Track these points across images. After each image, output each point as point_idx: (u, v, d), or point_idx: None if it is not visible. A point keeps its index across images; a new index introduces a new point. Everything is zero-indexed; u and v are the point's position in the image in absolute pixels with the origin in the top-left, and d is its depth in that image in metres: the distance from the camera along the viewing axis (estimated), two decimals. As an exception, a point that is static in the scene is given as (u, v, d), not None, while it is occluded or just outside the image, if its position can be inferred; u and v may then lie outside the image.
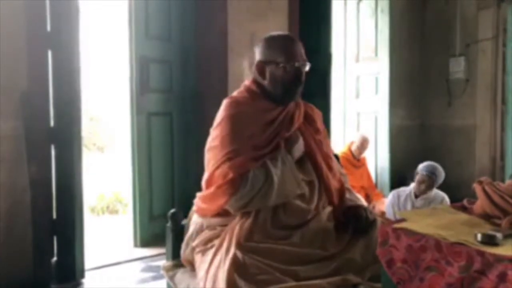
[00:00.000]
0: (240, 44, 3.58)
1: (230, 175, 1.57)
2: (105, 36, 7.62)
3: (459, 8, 4.90)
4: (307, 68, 1.71)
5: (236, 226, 1.58)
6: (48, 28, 2.74)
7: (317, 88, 4.15)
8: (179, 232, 1.85)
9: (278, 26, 3.67)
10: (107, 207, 5.66)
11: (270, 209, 1.61)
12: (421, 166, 3.58)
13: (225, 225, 1.65)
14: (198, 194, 1.74)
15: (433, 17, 5.17)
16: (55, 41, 2.74)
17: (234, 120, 1.65)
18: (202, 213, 1.72)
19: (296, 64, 1.67)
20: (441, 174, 3.54)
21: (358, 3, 5.10)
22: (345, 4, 5.21)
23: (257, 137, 1.63)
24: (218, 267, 1.48)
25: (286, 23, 3.90)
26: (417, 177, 3.57)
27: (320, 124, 1.85)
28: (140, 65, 3.49)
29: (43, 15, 2.71)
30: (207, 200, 1.67)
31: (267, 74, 1.70)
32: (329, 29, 4.33)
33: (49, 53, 2.74)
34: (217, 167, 1.61)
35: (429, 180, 3.51)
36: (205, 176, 1.68)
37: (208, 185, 1.66)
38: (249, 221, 1.59)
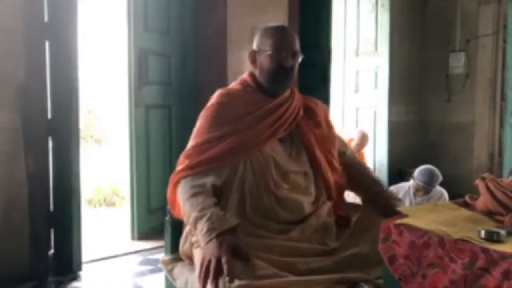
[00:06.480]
0: (240, 37, 3.56)
1: (182, 166, 1.65)
2: (104, 28, 7.58)
3: (460, 3, 4.89)
4: (299, 59, 1.69)
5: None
6: (46, 18, 2.71)
7: (317, 83, 4.15)
8: (178, 226, 1.84)
9: (278, 20, 3.65)
10: (104, 200, 5.65)
11: (267, 204, 1.59)
12: (418, 174, 3.48)
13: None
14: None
15: (434, 12, 5.15)
16: (53, 32, 2.72)
17: (217, 110, 1.65)
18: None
19: (283, 54, 1.64)
20: (439, 179, 3.48)
21: (358, -2, 5.08)
22: (345, -2, 5.18)
23: (240, 127, 1.61)
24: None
25: (286, 17, 3.88)
26: (414, 185, 3.52)
27: (323, 117, 1.81)
28: (139, 57, 3.47)
29: (41, 5, 2.68)
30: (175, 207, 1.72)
31: (257, 64, 1.70)
32: (329, 23, 4.32)
33: (47, 44, 2.71)
34: (184, 155, 1.68)
35: (426, 190, 3.48)
36: None
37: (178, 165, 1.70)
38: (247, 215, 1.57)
